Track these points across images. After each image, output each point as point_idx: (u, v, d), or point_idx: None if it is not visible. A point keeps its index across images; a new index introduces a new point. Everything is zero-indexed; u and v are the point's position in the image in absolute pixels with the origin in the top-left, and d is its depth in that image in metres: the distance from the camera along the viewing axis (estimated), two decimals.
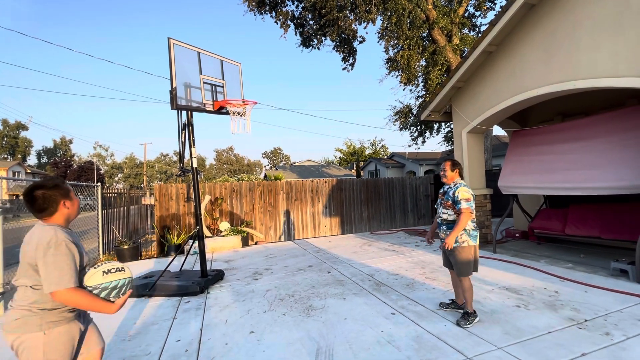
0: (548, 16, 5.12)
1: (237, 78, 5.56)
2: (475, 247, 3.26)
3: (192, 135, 4.96)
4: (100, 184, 7.91)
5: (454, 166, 3.38)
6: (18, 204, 18.77)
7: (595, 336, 2.85)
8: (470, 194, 3.22)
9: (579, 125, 5.53)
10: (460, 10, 12.93)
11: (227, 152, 71.25)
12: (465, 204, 3.17)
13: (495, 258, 5.67)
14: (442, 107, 7.50)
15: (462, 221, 3.16)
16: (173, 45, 4.56)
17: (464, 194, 3.20)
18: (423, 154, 32.40)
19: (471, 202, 3.20)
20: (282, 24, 14.38)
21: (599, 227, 5.39)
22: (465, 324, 3.13)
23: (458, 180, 3.37)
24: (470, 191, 3.25)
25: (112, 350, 3.04)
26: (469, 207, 3.17)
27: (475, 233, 3.27)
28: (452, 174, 3.37)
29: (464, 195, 3.19)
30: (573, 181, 5.15)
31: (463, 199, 3.18)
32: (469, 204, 3.18)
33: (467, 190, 3.23)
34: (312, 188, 9.77)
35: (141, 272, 5.84)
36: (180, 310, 3.99)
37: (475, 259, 3.27)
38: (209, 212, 8.46)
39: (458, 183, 3.33)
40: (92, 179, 41.33)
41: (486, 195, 6.91)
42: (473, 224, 3.27)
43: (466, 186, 3.28)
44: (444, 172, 3.42)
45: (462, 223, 3.16)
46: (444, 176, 3.43)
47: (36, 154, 59.73)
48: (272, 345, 2.99)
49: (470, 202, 3.19)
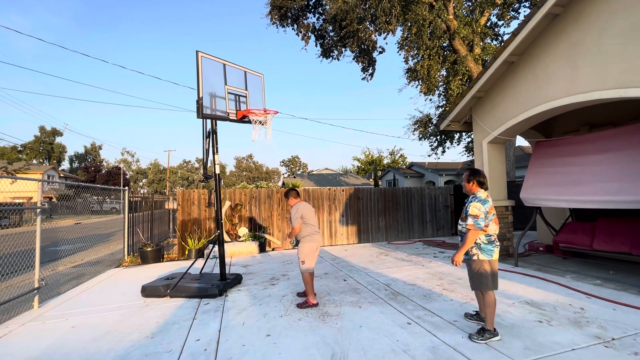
0: (572, 26, 5.04)
1: (259, 88, 5.77)
2: (489, 262, 3.14)
3: (215, 143, 5.17)
4: (127, 188, 8.30)
5: (470, 177, 3.30)
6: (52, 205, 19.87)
7: (623, 355, 2.73)
8: (482, 210, 3.10)
9: (606, 136, 5.34)
10: (482, 20, 12.82)
11: (247, 160, 72.60)
12: (471, 220, 3.09)
13: (517, 272, 5.50)
14: (462, 116, 7.43)
15: (469, 238, 3.11)
16: (201, 57, 4.81)
17: (473, 209, 3.11)
18: (443, 164, 31.81)
19: (480, 218, 3.08)
20: (303, 36, 14.75)
21: (629, 242, 5.14)
22: (478, 338, 3.03)
23: (477, 192, 3.27)
24: (484, 206, 3.12)
25: (136, 346, 3.18)
26: (474, 224, 3.08)
27: (490, 247, 3.14)
28: (470, 185, 3.30)
29: (472, 211, 3.11)
30: (601, 194, 4.96)
31: (471, 215, 3.11)
32: (474, 220, 3.08)
33: (479, 206, 3.11)
34: (330, 196, 9.83)
35: (163, 273, 6.06)
36: (200, 311, 4.12)
37: (492, 273, 3.15)
38: (229, 218, 8.68)
39: (475, 196, 3.23)
40: (119, 184, 43.17)
41: (508, 207, 6.74)
42: (487, 238, 3.15)
43: (480, 200, 3.14)
44: (463, 182, 3.40)
45: (468, 240, 3.12)
46: (464, 188, 3.38)
47: (69, 159, 63.13)
48: (287, 348, 3.04)
49: (479, 220, 3.07)
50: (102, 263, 7.21)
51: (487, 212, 3.13)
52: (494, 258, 3.15)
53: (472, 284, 3.25)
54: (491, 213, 3.16)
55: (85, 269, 6.72)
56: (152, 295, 4.74)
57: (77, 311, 4.25)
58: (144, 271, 6.55)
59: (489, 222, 3.15)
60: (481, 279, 3.14)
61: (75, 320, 3.91)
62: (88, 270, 6.52)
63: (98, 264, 7.09)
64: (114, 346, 3.20)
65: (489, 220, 3.15)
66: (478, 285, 3.17)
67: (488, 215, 3.14)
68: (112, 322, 3.83)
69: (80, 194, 7.24)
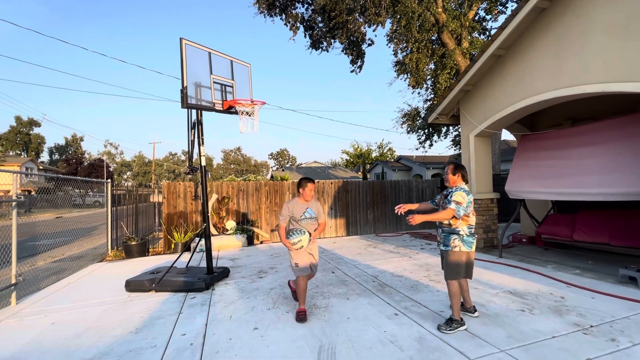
0: (559, 20, 5.09)
1: (246, 78, 5.64)
2: (468, 253, 3.20)
3: (201, 134, 5.04)
4: (110, 181, 8.06)
5: (456, 169, 3.32)
6: (30, 199, 19.18)
7: (600, 342, 2.83)
8: (466, 200, 3.14)
9: (589, 130, 5.47)
10: (470, 14, 12.88)
11: (235, 153, 71.78)
12: (454, 205, 3.13)
13: (501, 262, 5.63)
14: (450, 110, 7.48)
15: (441, 214, 3.15)
16: (185, 45, 4.65)
17: (458, 196, 3.15)
18: (430, 157, 32.19)
19: (462, 207, 3.11)
20: (291, 27, 14.49)
21: (608, 233, 5.32)
22: (446, 329, 3.06)
23: (460, 184, 3.30)
24: (468, 197, 3.17)
25: (119, 342, 3.11)
26: (455, 209, 3.11)
27: (471, 239, 3.20)
28: (454, 177, 3.31)
29: (457, 198, 3.14)
30: (582, 187, 5.09)
31: (454, 201, 3.14)
32: (457, 206, 3.12)
33: (464, 195, 3.15)
34: (318, 189, 9.80)
35: (148, 267, 5.93)
36: (186, 305, 4.06)
37: (468, 263, 3.21)
38: (216, 211, 8.55)
39: (459, 187, 3.25)
40: (102, 177, 42.02)
41: (493, 199, 6.86)
42: (469, 230, 3.20)
43: (465, 191, 3.19)
44: (446, 175, 3.38)
45: (440, 215, 3.16)
46: (446, 180, 3.38)
47: (48, 151, 60.98)
48: (275, 341, 3.02)
49: (461, 207, 3.11)
50: (84, 257, 7.01)
51: (471, 203, 3.20)
52: (472, 250, 3.23)
53: (447, 274, 3.25)
54: (472, 205, 3.23)
55: (66, 263, 6.51)
56: (136, 289, 4.63)
57: (57, 307, 4.11)
58: (128, 265, 6.40)
59: (469, 213, 3.20)
60: (457, 268, 3.19)
61: (55, 317, 3.79)
62: (69, 265, 6.33)
63: (80, 259, 6.88)
64: (95, 342, 3.11)
65: (469, 211, 3.19)
66: (453, 275, 3.20)
67: (470, 206, 3.19)
68: (94, 317, 3.73)
69: (61, 187, 6.99)
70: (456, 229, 3.20)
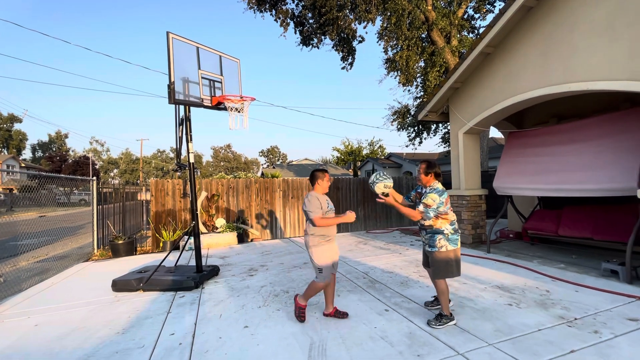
0: (545, 19, 5.17)
1: (235, 74, 5.56)
2: (455, 251, 3.18)
3: (189, 131, 4.95)
4: (95, 179, 7.86)
5: (428, 169, 3.24)
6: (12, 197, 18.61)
7: (584, 334, 2.90)
8: (437, 201, 3.11)
9: (573, 127, 5.59)
10: (459, 12, 12.98)
11: (225, 150, 71.01)
12: (423, 207, 3.12)
13: (489, 258, 5.72)
14: (440, 107, 7.54)
15: (411, 212, 3.16)
16: (172, 39, 4.55)
17: (429, 199, 3.11)
18: (420, 154, 32.52)
19: (432, 209, 3.09)
20: (282, 22, 14.35)
21: (590, 228, 5.46)
22: (436, 324, 3.08)
23: (434, 183, 3.25)
24: (441, 197, 3.13)
25: (105, 343, 3.04)
26: (424, 212, 3.11)
27: (456, 237, 3.19)
28: (427, 178, 3.25)
29: (427, 201, 3.11)
30: (567, 183, 5.21)
31: (424, 203, 3.13)
32: (425, 208, 3.11)
33: (435, 197, 3.11)
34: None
35: (135, 266, 5.83)
36: (175, 304, 4.00)
37: (456, 260, 3.19)
38: (205, 209, 8.45)
39: (433, 188, 3.20)
40: (88, 174, 41.02)
41: (481, 195, 6.96)
42: (452, 228, 3.19)
43: (438, 192, 3.15)
44: (418, 175, 3.33)
45: (409, 212, 3.16)
46: (419, 180, 3.34)
47: (31, 148, 59.20)
48: (265, 339, 3.00)
49: (430, 209, 3.09)
50: (69, 257, 6.83)
51: (444, 202, 3.15)
52: (458, 246, 3.22)
53: (435, 273, 3.21)
54: (448, 203, 3.20)
55: (50, 263, 6.34)
56: (123, 289, 4.54)
57: (40, 308, 4.00)
58: (115, 265, 6.27)
59: (448, 211, 3.19)
60: (447, 267, 3.16)
61: (39, 318, 3.68)
62: (53, 265, 6.16)
63: (65, 258, 6.71)
64: (81, 344, 3.04)
65: (447, 208, 3.18)
66: (442, 274, 3.17)
67: (445, 204, 3.16)
68: (80, 318, 3.64)
69: (45, 185, 6.79)
70: (439, 229, 3.18)
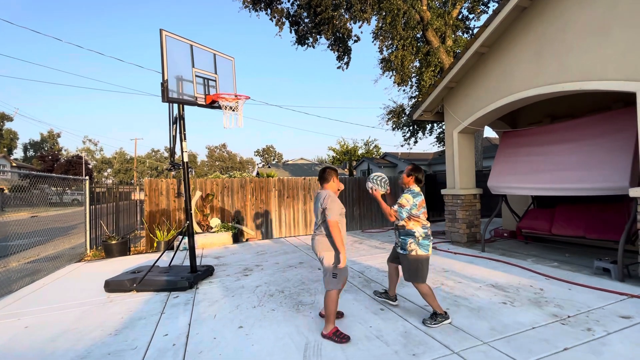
0: (539, 19, 5.21)
1: (230, 72, 5.52)
2: (425, 256, 3.19)
3: (183, 129, 4.90)
4: (88, 178, 7.77)
5: (411, 172, 3.36)
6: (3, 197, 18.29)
7: (577, 332, 2.92)
8: (410, 202, 3.17)
9: (567, 127, 5.63)
10: (454, 13, 13.05)
11: (220, 149, 70.64)
12: (397, 207, 3.20)
13: (483, 257, 5.75)
14: (435, 107, 7.56)
15: (386, 209, 3.25)
16: (165, 37, 4.50)
17: (403, 199, 3.20)
18: (415, 154, 32.67)
19: (405, 209, 3.16)
20: (277, 22, 14.30)
21: (583, 227, 5.51)
22: (431, 323, 3.10)
23: (412, 186, 3.31)
24: (415, 199, 3.19)
25: (97, 345, 3.00)
26: (397, 212, 3.18)
27: (427, 242, 3.20)
28: (408, 179, 3.35)
29: (402, 201, 3.20)
30: (560, 182, 5.25)
31: (399, 203, 3.21)
32: (399, 208, 3.17)
33: (409, 198, 3.18)
34: (305, 186, 9.77)
35: (129, 267, 5.76)
36: (169, 305, 3.96)
37: (427, 265, 3.21)
38: (200, 208, 8.39)
39: (409, 189, 3.28)
40: (80, 174, 40.55)
41: (476, 195, 7.00)
42: (424, 232, 3.21)
43: (413, 193, 3.22)
44: (403, 175, 3.42)
45: (385, 208, 3.25)
46: (400, 180, 3.44)
47: (22, 147, 58.33)
48: (260, 339, 2.98)
49: (403, 209, 3.15)
50: (61, 258, 6.74)
51: (417, 205, 3.20)
52: (429, 253, 3.22)
53: (408, 276, 3.26)
54: (422, 207, 3.24)
55: (41, 264, 6.24)
56: (116, 290, 4.49)
57: (31, 310, 3.94)
58: (108, 265, 6.20)
59: (420, 215, 3.22)
60: (417, 272, 3.19)
61: (29, 320, 3.62)
62: (45, 266, 6.07)
63: (57, 259, 6.62)
64: (73, 345, 2.99)
65: (420, 212, 3.22)
66: (414, 278, 3.21)
67: (419, 208, 3.21)
68: (72, 320, 3.58)
69: (37, 184, 6.68)
70: (411, 231, 3.21)
